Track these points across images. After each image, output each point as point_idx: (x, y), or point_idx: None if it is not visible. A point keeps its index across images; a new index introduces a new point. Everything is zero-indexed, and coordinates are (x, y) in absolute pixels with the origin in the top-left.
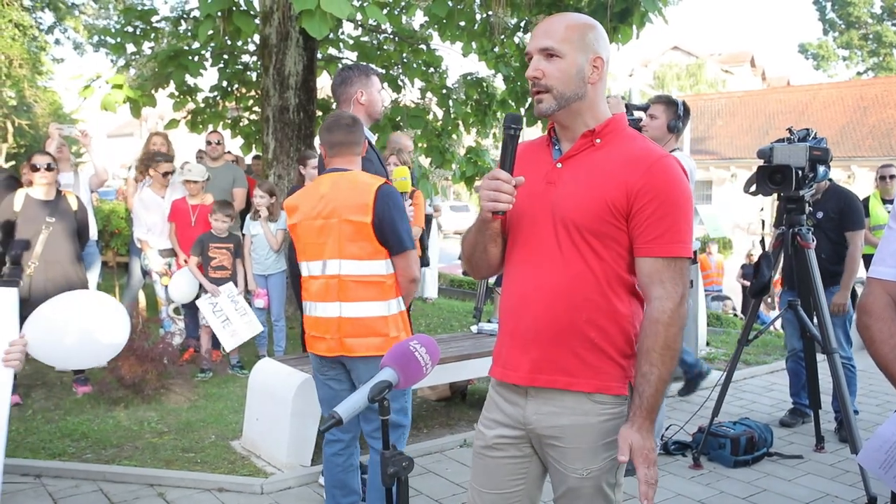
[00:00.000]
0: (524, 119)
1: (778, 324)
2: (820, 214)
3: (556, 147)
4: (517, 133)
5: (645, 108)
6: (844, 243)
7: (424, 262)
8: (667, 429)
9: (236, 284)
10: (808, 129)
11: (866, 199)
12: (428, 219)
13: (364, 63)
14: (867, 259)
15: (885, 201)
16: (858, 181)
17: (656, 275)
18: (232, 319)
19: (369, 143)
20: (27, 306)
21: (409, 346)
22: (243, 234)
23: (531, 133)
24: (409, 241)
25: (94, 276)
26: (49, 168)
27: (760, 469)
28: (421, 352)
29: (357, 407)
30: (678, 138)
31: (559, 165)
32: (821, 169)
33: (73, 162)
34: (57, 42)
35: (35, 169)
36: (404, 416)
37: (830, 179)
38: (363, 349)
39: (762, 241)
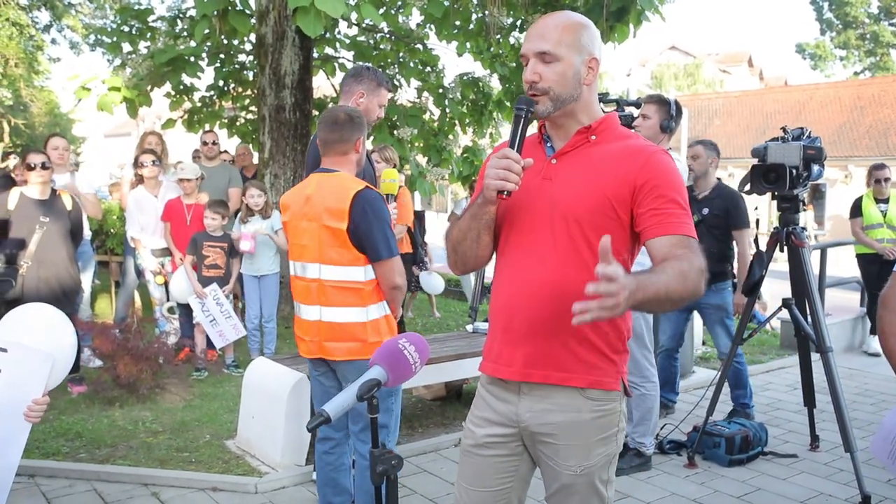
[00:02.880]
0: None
1: (774, 323)
2: (706, 211)
3: (549, 144)
4: (528, 115)
5: (637, 104)
6: (729, 242)
7: (418, 259)
8: (662, 428)
9: (229, 283)
10: (802, 128)
11: (859, 199)
12: (420, 216)
13: (385, 74)
14: (861, 258)
15: (878, 201)
16: (855, 180)
17: (674, 247)
18: (218, 320)
19: None
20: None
21: (399, 345)
22: None
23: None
24: (385, 251)
25: (88, 276)
26: (44, 167)
27: (755, 468)
28: (410, 350)
29: (346, 405)
30: (671, 138)
31: (554, 161)
32: (815, 168)
33: (73, 161)
34: (53, 41)
35: (30, 168)
36: (388, 416)
37: (718, 178)
38: (341, 353)
39: (755, 240)
